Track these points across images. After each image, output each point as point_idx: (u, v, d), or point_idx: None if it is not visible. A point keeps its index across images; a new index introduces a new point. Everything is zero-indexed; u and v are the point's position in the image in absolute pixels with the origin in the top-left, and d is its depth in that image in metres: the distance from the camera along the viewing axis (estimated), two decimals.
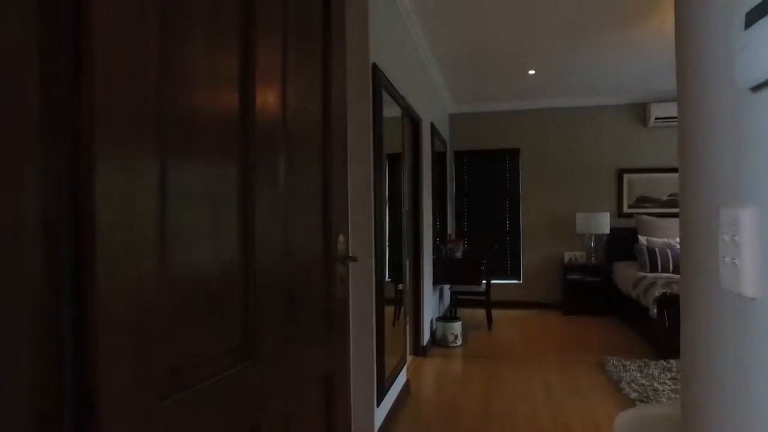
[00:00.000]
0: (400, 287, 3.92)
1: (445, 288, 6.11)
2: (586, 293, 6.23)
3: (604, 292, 6.17)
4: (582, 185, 6.70)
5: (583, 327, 5.64)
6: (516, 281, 6.93)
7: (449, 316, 5.44)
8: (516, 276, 6.94)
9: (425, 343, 4.60)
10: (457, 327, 4.90)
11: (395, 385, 3.27)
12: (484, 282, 5.55)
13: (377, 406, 2.75)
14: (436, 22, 4.09)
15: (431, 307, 5.01)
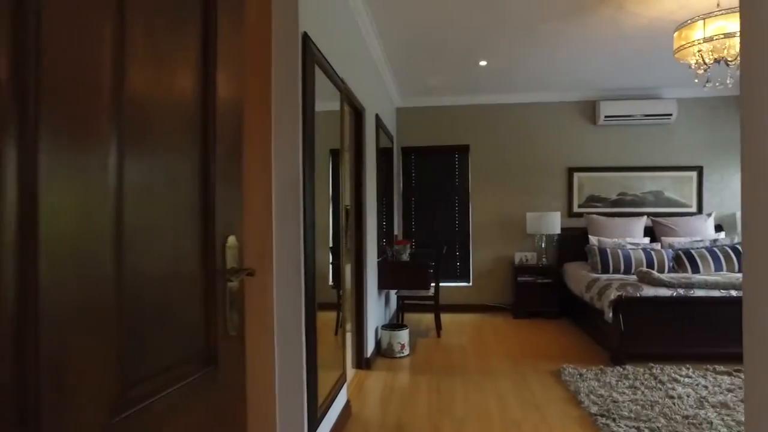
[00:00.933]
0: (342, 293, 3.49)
1: (392, 293, 5.74)
2: (537, 295, 6.02)
3: (555, 294, 5.99)
4: (532, 184, 6.51)
5: (535, 331, 5.41)
6: (466, 284, 6.65)
7: (396, 323, 5.06)
8: (465, 278, 6.67)
9: (369, 355, 4.20)
10: (404, 336, 4.53)
11: (333, 409, 2.85)
12: (432, 285, 5.22)
13: None
14: (379, 2, 3.71)
15: (376, 315, 4.62)
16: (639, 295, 4.14)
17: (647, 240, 5.84)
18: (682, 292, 4.17)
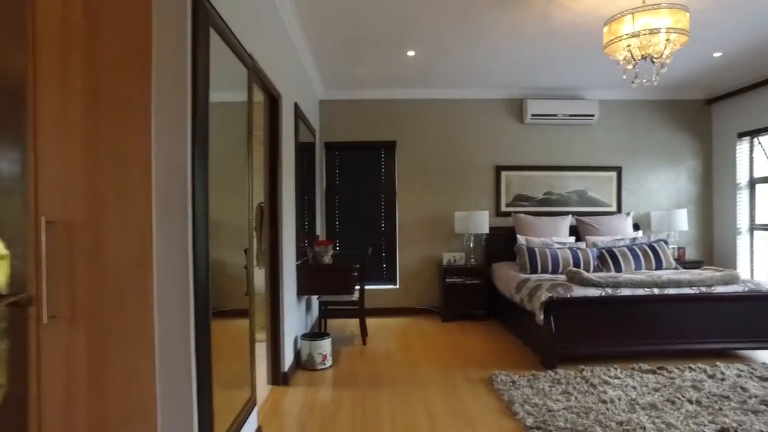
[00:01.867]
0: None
1: (314, 298, 5.33)
2: (465, 297, 5.84)
3: (484, 295, 5.84)
4: (461, 182, 6.34)
5: (464, 335, 5.21)
6: (392, 286, 6.37)
7: (318, 332, 4.66)
8: (392, 280, 6.38)
9: (287, 369, 3.77)
10: (326, 345, 4.15)
11: None
12: (358, 288, 4.87)
13: None
14: None
15: (295, 324, 4.19)
16: (570, 296, 4.02)
17: (573, 239, 5.84)
18: (610, 291, 4.10)
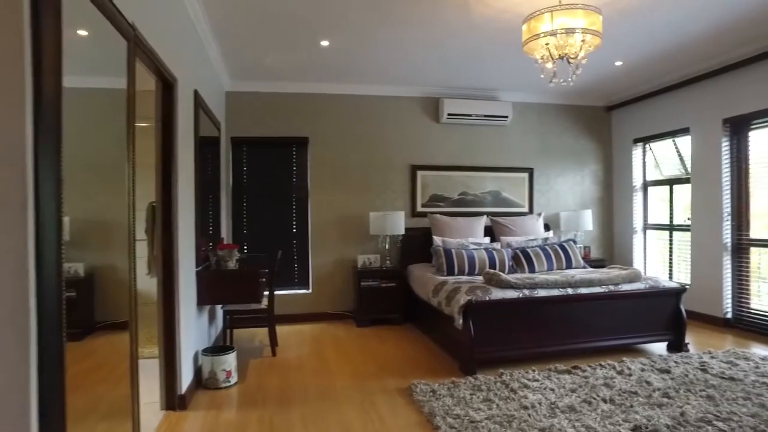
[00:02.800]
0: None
1: (218, 308, 4.85)
2: (381, 301, 5.62)
3: (400, 298, 5.65)
4: (376, 182, 6.12)
5: (380, 341, 4.99)
6: (305, 290, 6.02)
7: (221, 345, 4.20)
8: (304, 285, 6.03)
9: (185, 390, 3.32)
10: (231, 360, 3.73)
11: None
12: (267, 294, 4.48)
13: None
14: None
15: (194, 338, 3.73)
16: (488, 299, 3.92)
17: (488, 239, 5.84)
18: (527, 292, 4.06)
